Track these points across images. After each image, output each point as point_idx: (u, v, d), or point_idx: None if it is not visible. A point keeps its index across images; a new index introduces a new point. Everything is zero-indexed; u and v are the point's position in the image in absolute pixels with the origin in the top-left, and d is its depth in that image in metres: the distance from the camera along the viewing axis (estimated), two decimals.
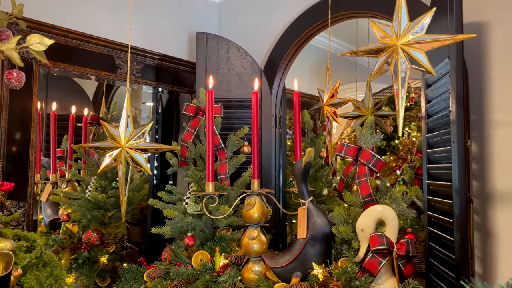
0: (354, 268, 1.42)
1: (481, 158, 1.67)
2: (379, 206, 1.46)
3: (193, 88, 2.49)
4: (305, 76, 3.30)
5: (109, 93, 2.75)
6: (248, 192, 1.73)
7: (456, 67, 1.41)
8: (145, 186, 2.87)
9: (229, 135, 2.08)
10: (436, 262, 1.61)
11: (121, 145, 1.59)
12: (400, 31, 1.26)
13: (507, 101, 1.62)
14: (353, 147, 1.61)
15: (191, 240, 1.84)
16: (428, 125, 1.70)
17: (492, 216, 1.64)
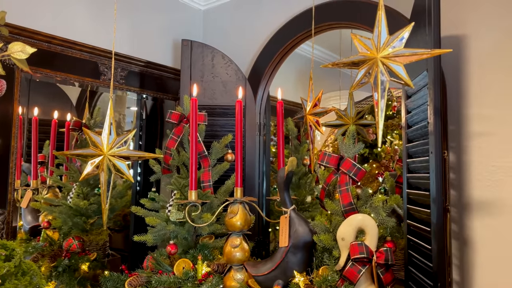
0: (334, 276, 1.43)
1: (459, 167, 1.72)
2: (360, 215, 1.49)
3: (177, 95, 2.49)
4: (289, 84, 3.33)
5: (92, 98, 2.73)
6: (231, 200, 1.74)
7: (434, 80, 1.45)
8: (128, 192, 2.85)
9: (213, 143, 2.09)
10: (415, 270, 1.64)
11: (103, 153, 1.58)
12: (380, 44, 1.30)
13: (483, 112, 1.67)
14: (334, 156, 1.64)
15: (173, 248, 1.84)
16: (408, 135, 1.74)
17: (469, 225, 1.69)
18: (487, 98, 1.66)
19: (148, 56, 2.40)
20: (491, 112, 1.65)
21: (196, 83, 2.04)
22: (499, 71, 1.63)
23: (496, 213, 1.62)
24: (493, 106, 1.64)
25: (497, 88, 1.64)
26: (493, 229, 1.62)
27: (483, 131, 1.66)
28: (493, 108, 1.64)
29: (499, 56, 1.63)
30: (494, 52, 1.65)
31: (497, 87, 1.64)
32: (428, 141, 1.49)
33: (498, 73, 1.64)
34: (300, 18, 2.25)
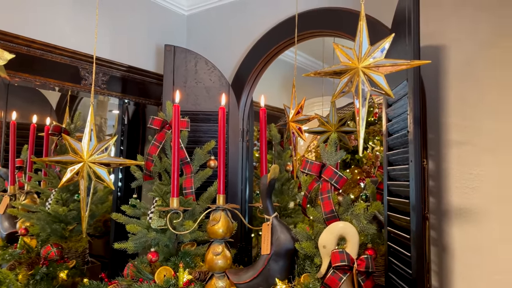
0: (316, 284, 1.44)
1: (438, 175, 1.75)
2: (341, 223, 1.50)
3: (160, 100, 2.47)
4: (273, 89, 3.35)
5: (73, 102, 2.69)
6: (213, 207, 1.73)
7: (414, 90, 1.48)
8: (109, 198, 2.81)
9: (196, 149, 2.08)
10: (395, 277, 1.66)
11: (83, 160, 1.56)
12: (361, 54, 1.31)
13: (460, 122, 1.70)
14: (316, 164, 1.65)
15: (154, 256, 1.82)
16: (388, 143, 1.76)
17: (447, 231, 1.72)
18: (464, 108, 1.70)
19: (131, 60, 2.38)
20: (468, 121, 1.68)
21: (179, 88, 2.03)
22: (475, 81, 1.67)
23: (473, 220, 1.66)
24: (470, 116, 1.68)
25: (474, 97, 1.68)
26: (470, 235, 1.66)
27: (461, 140, 1.70)
28: (470, 117, 1.68)
29: (475, 67, 1.68)
30: (470, 63, 1.69)
31: (473, 97, 1.68)
32: (408, 149, 1.52)
33: (474, 83, 1.68)
34: (284, 26, 2.27)
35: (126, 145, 2.68)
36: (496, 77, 1.62)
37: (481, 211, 1.63)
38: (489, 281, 1.60)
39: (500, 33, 1.62)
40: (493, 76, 1.63)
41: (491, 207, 1.61)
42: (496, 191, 1.60)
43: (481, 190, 1.64)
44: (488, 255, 1.61)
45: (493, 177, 1.61)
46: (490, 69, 1.64)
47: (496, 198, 1.60)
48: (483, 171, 1.64)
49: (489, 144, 1.63)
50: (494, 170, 1.61)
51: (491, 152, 1.62)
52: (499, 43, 1.62)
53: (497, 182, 1.60)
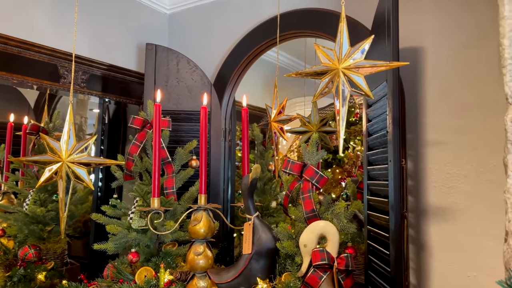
0: (296, 283, 1.45)
1: (416, 175, 1.78)
2: (321, 222, 1.51)
3: (141, 99, 2.45)
4: (256, 89, 3.36)
5: (52, 101, 2.64)
6: (195, 207, 1.72)
7: (393, 91, 1.51)
8: (89, 198, 2.77)
9: (177, 149, 2.06)
10: (374, 275, 1.68)
11: (62, 159, 1.54)
12: (342, 55, 1.33)
13: (438, 122, 1.74)
14: (297, 163, 1.66)
15: (135, 256, 1.80)
16: (368, 143, 1.79)
17: (425, 230, 1.75)
18: (442, 108, 1.74)
19: (111, 59, 2.35)
20: (445, 121, 1.72)
21: (160, 87, 2.01)
22: (452, 82, 1.71)
23: (450, 218, 1.70)
24: (447, 116, 1.72)
25: (450, 98, 1.71)
26: (447, 234, 1.70)
27: (439, 140, 1.74)
28: (447, 118, 1.72)
29: (452, 68, 1.71)
30: (447, 64, 1.73)
31: (450, 98, 1.72)
32: (387, 149, 1.54)
33: (451, 85, 1.72)
34: (266, 26, 2.27)
35: (107, 145, 2.64)
36: (473, 77, 1.66)
37: (458, 210, 1.67)
38: (464, 278, 1.64)
39: (476, 34, 1.66)
40: (469, 77, 1.67)
41: (467, 205, 1.66)
42: (472, 189, 1.64)
43: (458, 189, 1.68)
44: (463, 252, 1.65)
45: (469, 176, 1.66)
46: (466, 69, 1.68)
47: (472, 196, 1.64)
48: (460, 170, 1.68)
49: (466, 143, 1.67)
50: (471, 169, 1.65)
51: (468, 151, 1.66)
52: (475, 44, 1.66)
53: (473, 181, 1.64)
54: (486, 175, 1.61)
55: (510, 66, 0.94)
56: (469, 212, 1.65)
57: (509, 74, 0.94)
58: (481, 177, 1.62)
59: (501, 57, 0.95)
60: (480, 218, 1.62)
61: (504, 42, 0.95)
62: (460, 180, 1.68)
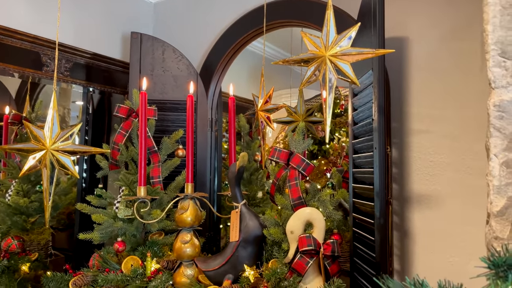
0: (283, 269, 1.46)
1: (401, 163, 1.81)
2: (308, 209, 1.53)
3: (126, 89, 2.42)
4: (242, 81, 3.35)
5: (34, 90, 2.59)
6: (182, 196, 1.72)
7: (379, 79, 1.52)
8: (74, 189, 2.74)
9: (163, 138, 2.05)
10: (360, 261, 1.71)
11: (46, 147, 1.51)
12: (329, 43, 1.34)
13: (422, 111, 1.77)
14: (284, 152, 1.67)
15: (121, 246, 1.79)
16: (354, 132, 1.81)
17: (409, 217, 1.79)
18: (426, 98, 1.77)
19: (95, 48, 2.31)
20: (429, 110, 1.75)
21: (146, 76, 1.99)
22: (436, 72, 1.74)
23: (433, 205, 1.73)
24: (431, 105, 1.75)
25: (434, 88, 1.74)
26: (430, 220, 1.73)
27: (422, 129, 1.77)
28: (431, 107, 1.75)
29: (437, 58, 1.74)
30: (432, 54, 1.75)
31: (434, 88, 1.74)
32: (373, 137, 1.56)
33: (435, 75, 1.74)
34: (252, 15, 2.27)
35: (91, 135, 2.61)
36: (457, 68, 1.69)
37: (441, 197, 1.71)
38: (445, 263, 1.68)
39: (460, 25, 1.69)
40: (454, 67, 1.70)
41: (450, 192, 1.69)
42: (455, 176, 1.68)
43: (441, 177, 1.71)
44: (446, 238, 1.69)
45: (452, 164, 1.69)
46: (451, 59, 1.71)
47: (455, 184, 1.68)
48: (443, 158, 1.71)
49: (449, 132, 1.70)
50: (454, 157, 1.69)
51: (451, 139, 1.69)
52: (460, 35, 1.68)
53: (456, 168, 1.68)
54: (468, 162, 1.65)
55: (493, 51, 0.96)
56: (452, 199, 1.69)
57: (492, 60, 0.96)
58: (464, 164, 1.66)
59: (485, 43, 0.97)
60: (463, 204, 1.66)
61: (487, 28, 0.97)
62: (443, 167, 1.71)
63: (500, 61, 0.95)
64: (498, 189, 0.95)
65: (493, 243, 0.95)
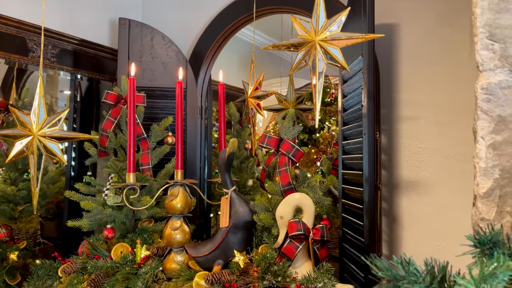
0: (273, 253, 1.47)
1: (390, 149, 1.82)
2: (297, 194, 1.53)
3: (114, 76, 2.39)
4: (232, 69, 3.33)
5: (20, 78, 2.54)
6: (171, 182, 1.71)
7: (368, 65, 1.53)
8: (62, 178, 2.71)
9: (153, 125, 2.04)
10: (349, 246, 1.73)
11: (32, 133, 1.49)
12: (318, 27, 1.33)
13: (411, 98, 1.78)
14: (274, 138, 1.67)
15: (110, 232, 1.78)
16: (343, 119, 1.81)
17: (398, 203, 1.80)
18: (415, 84, 1.77)
19: (83, 34, 2.27)
20: (418, 97, 1.76)
21: (134, 62, 1.96)
22: (425, 59, 1.75)
23: (421, 191, 1.75)
24: (420, 92, 1.76)
25: (424, 75, 1.75)
26: (418, 206, 1.75)
27: (411, 115, 1.78)
28: (420, 94, 1.76)
29: (426, 46, 1.75)
30: (421, 40, 1.76)
31: (423, 74, 1.75)
32: (362, 123, 1.57)
33: (424, 61, 1.75)
34: (242, 1, 2.24)
35: (79, 123, 2.58)
36: (446, 54, 1.70)
37: (429, 183, 1.73)
38: (432, 248, 1.70)
39: (450, 12, 1.69)
40: (443, 53, 1.71)
41: (438, 178, 1.71)
42: (443, 162, 1.69)
43: (429, 163, 1.73)
44: (433, 224, 1.71)
45: (440, 150, 1.70)
46: (440, 46, 1.71)
47: (443, 170, 1.69)
48: (432, 144, 1.73)
49: (438, 118, 1.71)
50: (442, 143, 1.70)
51: (439, 126, 1.71)
52: (449, 21, 1.69)
53: (444, 155, 1.69)
54: (457, 148, 1.66)
55: (481, 34, 0.97)
56: (440, 185, 1.70)
57: (480, 43, 0.97)
58: (452, 151, 1.67)
59: (473, 26, 0.98)
60: (451, 190, 1.67)
61: (476, 11, 0.97)
62: (432, 154, 1.72)
63: (488, 44, 0.96)
64: (484, 171, 0.96)
65: (479, 224, 0.97)
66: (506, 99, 0.94)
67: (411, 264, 0.73)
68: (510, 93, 0.93)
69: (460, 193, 1.65)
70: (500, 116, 0.94)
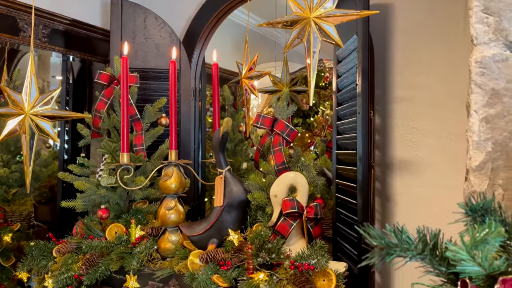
0: (267, 232, 1.48)
1: (383, 130, 1.83)
2: (291, 173, 1.54)
3: (107, 57, 2.36)
4: (226, 52, 3.30)
5: (12, 60, 2.51)
6: (166, 163, 1.71)
7: (363, 43, 1.52)
8: (55, 162, 2.70)
9: (146, 106, 2.02)
10: (342, 225, 1.74)
11: (24, 112, 1.48)
12: (313, 4, 1.32)
13: (405, 79, 1.78)
14: (269, 118, 1.67)
15: (104, 213, 1.78)
16: (338, 99, 1.81)
17: (391, 183, 1.82)
18: (409, 65, 1.77)
19: (74, 14, 2.23)
20: (412, 78, 1.76)
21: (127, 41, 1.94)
22: (420, 40, 1.74)
23: (414, 171, 1.76)
24: (414, 73, 1.76)
25: (418, 55, 1.75)
26: (411, 186, 1.76)
27: (405, 96, 1.78)
28: (413, 75, 1.76)
29: (421, 26, 1.74)
30: (416, 22, 1.75)
31: (418, 55, 1.75)
32: (356, 102, 1.57)
33: (419, 42, 1.74)
34: None
35: (72, 105, 2.56)
36: (441, 35, 1.70)
37: (422, 163, 1.74)
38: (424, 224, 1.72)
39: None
40: (438, 34, 1.70)
41: (430, 159, 1.72)
42: (436, 143, 1.70)
43: (422, 143, 1.74)
44: (426, 203, 1.72)
45: (434, 131, 1.71)
46: (435, 27, 1.71)
47: (436, 150, 1.70)
48: (425, 125, 1.73)
49: (431, 100, 1.72)
50: (436, 124, 1.71)
51: (433, 107, 1.71)
52: (445, 3, 1.68)
53: (437, 135, 1.70)
54: (450, 129, 1.67)
55: (476, 8, 0.96)
56: (433, 165, 1.72)
57: (475, 16, 0.97)
58: (445, 131, 1.68)
59: None
60: (444, 170, 1.69)
61: None
62: (425, 134, 1.73)
63: (483, 17, 0.96)
64: (477, 145, 0.96)
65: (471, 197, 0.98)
66: (500, 72, 0.94)
67: (404, 233, 0.74)
68: (504, 66, 0.94)
69: (454, 173, 1.65)
70: (493, 90, 0.95)
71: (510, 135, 0.94)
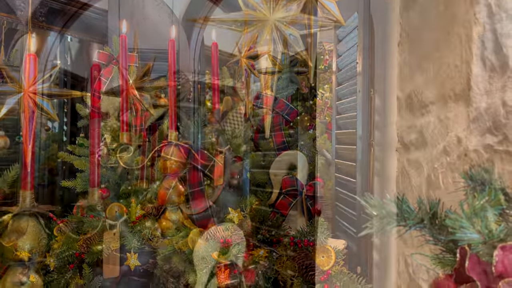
0: (267, 209, 1.49)
1: (383, 109, 1.82)
2: (291, 152, 1.54)
3: (105, 38, 2.34)
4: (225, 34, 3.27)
5: (9, 41, 2.48)
6: (165, 142, 1.71)
7: (364, 21, 1.51)
8: (54, 145, 2.69)
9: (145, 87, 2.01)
10: (342, 205, 1.75)
11: (23, 90, 1.47)
12: None
13: (404, 58, 1.76)
14: (268, 97, 1.66)
15: (105, 192, 1.78)
16: (338, 79, 1.81)
17: (390, 163, 1.82)
18: (410, 46, 1.75)
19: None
20: (410, 58, 1.74)
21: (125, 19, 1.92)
22: (422, 19, 1.72)
23: (412, 150, 1.76)
24: (415, 53, 1.74)
25: (420, 35, 1.73)
26: (409, 165, 1.77)
27: (404, 76, 1.77)
28: (411, 55, 1.74)
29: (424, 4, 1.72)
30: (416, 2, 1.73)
31: (419, 35, 1.73)
32: (356, 81, 1.56)
33: (421, 22, 1.73)
34: None
35: (70, 87, 2.54)
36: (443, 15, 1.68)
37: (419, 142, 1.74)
38: None
39: None
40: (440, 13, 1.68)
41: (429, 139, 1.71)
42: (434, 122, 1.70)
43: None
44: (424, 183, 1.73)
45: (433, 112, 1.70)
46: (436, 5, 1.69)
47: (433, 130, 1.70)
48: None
49: (432, 79, 1.70)
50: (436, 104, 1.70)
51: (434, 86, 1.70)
52: None
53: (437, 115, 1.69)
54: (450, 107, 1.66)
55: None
56: (431, 145, 1.71)
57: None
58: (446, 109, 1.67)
59: None
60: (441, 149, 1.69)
61: None
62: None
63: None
64: None
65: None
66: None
67: (404, 202, 0.74)
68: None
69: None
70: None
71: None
